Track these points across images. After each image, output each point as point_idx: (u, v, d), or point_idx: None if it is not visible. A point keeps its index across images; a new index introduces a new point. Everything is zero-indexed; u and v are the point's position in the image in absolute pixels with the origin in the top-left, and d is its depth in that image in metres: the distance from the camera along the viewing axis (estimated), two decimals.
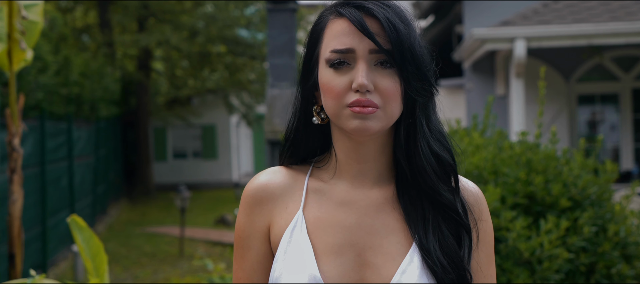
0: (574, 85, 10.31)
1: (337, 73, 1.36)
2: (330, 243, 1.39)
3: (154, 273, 9.84)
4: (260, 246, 1.45)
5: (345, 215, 1.41)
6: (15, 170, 4.61)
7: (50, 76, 9.62)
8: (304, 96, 1.45)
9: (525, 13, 9.07)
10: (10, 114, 4.63)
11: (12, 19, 4.51)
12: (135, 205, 18.06)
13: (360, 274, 1.37)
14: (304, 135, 1.47)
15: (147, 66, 19.98)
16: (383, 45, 1.34)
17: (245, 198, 1.47)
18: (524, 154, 4.37)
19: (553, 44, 8.58)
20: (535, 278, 3.96)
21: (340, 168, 1.45)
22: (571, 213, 4.13)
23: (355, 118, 1.34)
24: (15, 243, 4.43)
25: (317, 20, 1.44)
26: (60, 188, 10.72)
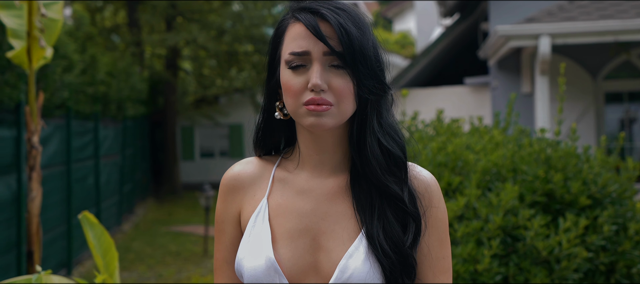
0: (601, 82, 10.16)
1: (295, 73, 1.49)
2: (288, 228, 1.53)
3: (177, 272, 9.87)
4: (232, 230, 1.62)
5: (303, 202, 1.55)
6: (34, 168, 4.66)
7: (76, 75, 9.69)
8: (269, 93, 1.60)
9: (550, 10, 8.96)
10: (29, 112, 4.68)
11: (32, 17, 4.56)
12: (162, 204, 18.15)
13: (314, 257, 1.50)
14: (269, 130, 1.62)
15: (175, 65, 20.09)
16: (335, 47, 1.46)
17: (222, 187, 1.64)
18: (543, 151, 4.30)
19: (578, 41, 8.46)
20: (553, 277, 3.90)
21: (303, 159, 1.59)
22: (591, 211, 4.06)
23: (311, 116, 1.47)
24: (33, 240, 4.47)
25: (279, 24, 1.57)
26: (86, 186, 10.81)
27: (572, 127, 4.44)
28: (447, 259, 1.57)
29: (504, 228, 3.99)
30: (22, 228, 7.29)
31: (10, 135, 7.16)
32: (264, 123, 1.62)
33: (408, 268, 1.49)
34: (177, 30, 18.60)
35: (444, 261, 1.57)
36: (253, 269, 1.49)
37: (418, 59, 13.10)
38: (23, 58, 4.53)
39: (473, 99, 12.23)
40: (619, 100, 10.36)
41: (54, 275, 2.54)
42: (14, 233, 7.20)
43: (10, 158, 7.17)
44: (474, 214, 4.06)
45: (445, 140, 4.74)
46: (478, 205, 4.03)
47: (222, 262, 1.63)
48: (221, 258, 1.63)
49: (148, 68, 19.53)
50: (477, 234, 3.96)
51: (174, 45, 18.61)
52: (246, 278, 1.50)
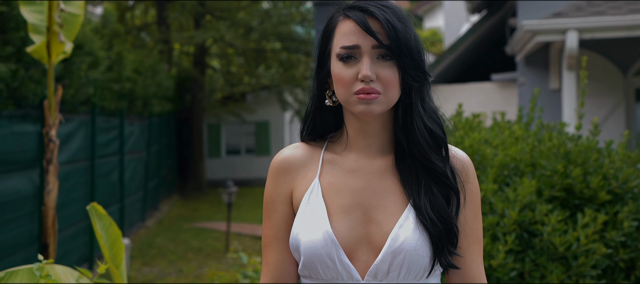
0: (631, 78, 9.97)
1: (346, 66, 1.64)
2: (341, 204, 1.68)
3: (198, 268, 9.90)
4: (283, 209, 1.74)
5: (354, 180, 1.71)
6: (51, 161, 4.68)
7: (102, 72, 9.75)
8: (319, 83, 1.75)
9: (579, 5, 8.82)
10: (48, 106, 4.70)
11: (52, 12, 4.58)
12: (187, 200, 18.23)
13: (366, 229, 1.66)
14: (319, 116, 1.76)
15: (202, 63, 20.17)
16: (383, 41, 1.62)
17: (272, 169, 1.78)
18: (562, 145, 4.21)
19: (607, 35, 8.31)
20: (570, 273, 3.82)
21: (350, 143, 1.74)
22: (611, 207, 3.97)
23: (361, 104, 1.63)
24: (48, 232, 4.49)
25: (329, 21, 1.73)
26: (110, 182, 10.87)
27: (593, 121, 4.34)
28: (479, 230, 1.75)
29: (520, 223, 3.91)
30: None
31: (34, 130, 7.22)
32: (314, 110, 1.76)
33: (452, 236, 1.65)
34: (205, 28, 18.66)
35: (477, 232, 1.75)
36: (311, 242, 1.63)
37: (444, 55, 12.99)
38: (42, 53, 4.55)
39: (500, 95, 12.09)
40: None
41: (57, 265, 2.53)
42: (36, 227, 7.26)
43: (33, 153, 7.23)
44: (489, 209, 3.99)
45: (463, 135, 4.68)
46: (494, 199, 3.96)
47: (273, 238, 1.75)
48: (272, 234, 1.75)
49: (176, 65, 19.63)
50: (493, 229, 3.89)
51: (201, 42, 18.68)
52: (304, 250, 1.65)
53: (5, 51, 6.12)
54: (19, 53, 6.47)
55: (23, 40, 6.43)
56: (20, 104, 6.83)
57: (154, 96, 14.56)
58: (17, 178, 6.87)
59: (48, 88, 4.59)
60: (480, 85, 12.37)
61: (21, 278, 2.40)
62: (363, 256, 1.64)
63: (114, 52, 11.09)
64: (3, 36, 6.21)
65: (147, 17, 21.01)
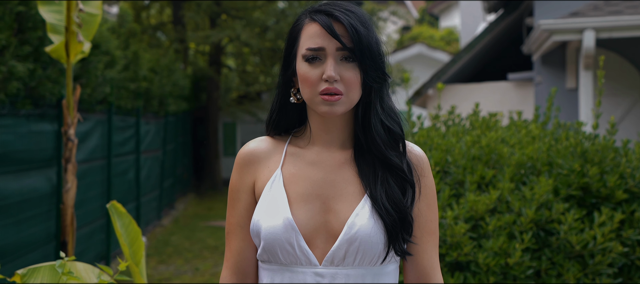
0: None
1: (311, 66, 1.74)
2: (301, 193, 1.78)
3: (214, 266, 9.94)
4: (247, 198, 1.84)
5: (314, 171, 1.81)
6: (69, 160, 4.72)
7: (118, 71, 9.81)
8: (284, 82, 1.84)
9: (596, 4, 8.78)
10: (66, 105, 4.74)
11: (70, 12, 4.62)
12: (203, 199, 18.29)
13: (324, 217, 1.75)
14: (284, 112, 1.86)
15: (218, 62, 20.23)
16: (346, 44, 1.72)
17: (237, 161, 1.88)
18: (579, 144, 4.21)
19: (624, 35, 8.27)
20: (586, 272, 3.81)
21: (313, 137, 1.85)
22: (627, 205, 3.96)
23: (325, 104, 1.73)
24: (67, 230, 4.53)
25: (295, 23, 1.82)
26: (126, 181, 10.94)
27: (610, 120, 4.33)
28: (434, 222, 1.85)
29: (537, 222, 3.91)
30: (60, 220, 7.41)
31: (52, 129, 7.28)
32: (279, 107, 1.87)
33: (407, 224, 1.76)
34: (221, 27, 18.71)
35: (431, 224, 1.85)
36: (272, 228, 1.73)
37: (460, 55, 12.95)
38: (61, 53, 4.59)
39: (516, 95, 12.05)
40: None
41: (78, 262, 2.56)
42: (53, 225, 7.32)
43: (51, 152, 7.29)
44: (506, 207, 4.00)
45: (480, 134, 4.68)
46: (511, 198, 3.96)
47: (236, 226, 1.85)
48: (235, 222, 1.85)
49: (191, 64, 19.70)
50: (509, 227, 3.89)
51: (217, 42, 18.72)
52: (264, 235, 1.74)
53: (23, 51, 6.17)
54: (36, 52, 6.52)
55: (41, 40, 6.48)
56: (37, 103, 6.88)
57: (170, 95, 14.62)
58: (35, 177, 6.93)
59: (66, 88, 4.64)
60: (496, 85, 12.34)
61: (43, 275, 2.43)
62: (321, 243, 1.74)
63: (130, 52, 11.15)
64: (21, 36, 6.26)
65: (163, 16, 21.09)
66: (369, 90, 1.78)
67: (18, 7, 6.04)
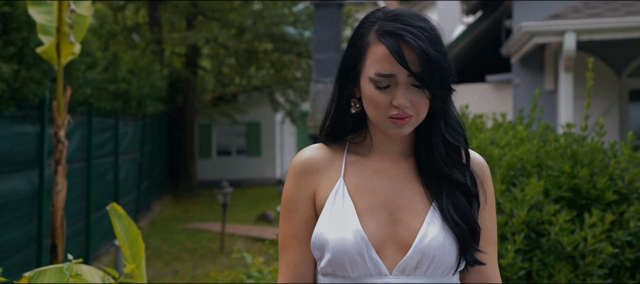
0: (625, 80, 10.07)
1: (380, 91, 1.66)
2: (368, 204, 1.72)
3: (194, 268, 9.90)
4: (306, 209, 1.77)
5: (380, 181, 1.75)
6: (59, 162, 4.69)
7: (99, 72, 9.74)
8: (345, 95, 1.75)
9: (576, 6, 8.89)
10: (57, 107, 4.71)
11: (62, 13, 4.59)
12: (179, 201, 18.22)
13: (392, 228, 1.71)
14: (341, 120, 1.78)
15: (194, 64, 20.15)
16: (416, 70, 1.63)
17: (294, 170, 1.79)
18: (569, 146, 4.26)
19: (604, 37, 8.39)
20: (577, 272, 3.87)
21: (374, 146, 1.79)
22: (617, 206, 4.02)
23: (394, 127, 1.68)
24: (57, 233, 4.50)
25: (360, 35, 1.71)
26: (105, 183, 10.86)
27: (599, 122, 4.39)
28: (495, 231, 1.83)
29: (528, 223, 3.96)
30: (43, 223, 7.34)
31: (34, 130, 7.21)
32: (336, 115, 1.78)
33: (475, 234, 1.73)
34: (197, 28, 18.65)
35: (493, 233, 1.82)
36: (341, 240, 1.67)
37: None
38: (52, 54, 4.56)
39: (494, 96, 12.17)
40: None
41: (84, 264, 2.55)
42: (34, 228, 7.25)
43: (32, 154, 7.22)
44: (498, 209, 4.04)
45: (470, 135, 4.72)
46: (502, 199, 4.00)
47: (293, 238, 1.77)
48: (292, 234, 1.77)
49: (167, 66, 19.60)
50: (501, 229, 3.93)
51: (194, 43, 18.66)
52: (332, 248, 1.68)
53: (8, 51, 6.11)
54: (21, 53, 6.46)
55: (25, 41, 6.42)
56: (20, 105, 6.82)
57: (147, 96, 14.54)
58: (17, 179, 6.86)
59: (57, 89, 4.61)
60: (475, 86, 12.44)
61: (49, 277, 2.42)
62: (390, 254, 1.69)
63: (110, 53, 11.07)
64: (6, 37, 6.20)
65: (138, 18, 20.96)
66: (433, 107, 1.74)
67: (4, 7, 5.98)
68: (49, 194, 7.53)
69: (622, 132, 10.09)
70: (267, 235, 12.43)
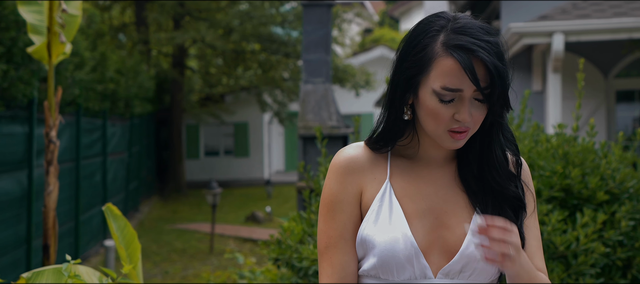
0: (612, 81, 10.14)
1: (443, 104, 1.62)
2: (415, 208, 1.69)
3: (184, 269, 9.88)
4: (352, 210, 1.72)
5: (425, 185, 1.72)
6: (51, 162, 4.67)
7: (87, 72, 9.70)
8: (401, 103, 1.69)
9: (564, 7, 8.95)
10: (48, 106, 4.68)
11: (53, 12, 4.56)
12: (167, 202, 18.17)
13: (438, 233, 1.68)
14: (396, 130, 1.72)
15: (181, 64, 20.10)
16: (484, 86, 1.59)
17: (337, 169, 1.74)
18: (560, 147, 4.29)
19: (592, 38, 8.44)
20: (570, 272, 3.89)
21: (421, 151, 1.75)
22: (608, 206, 4.05)
23: (451, 141, 1.65)
24: (49, 234, 4.48)
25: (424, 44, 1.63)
26: (93, 183, 10.82)
27: (590, 123, 4.43)
28: (538, 228, 1.80)
29: None
30: (32, 224, 7.31)
31: (22, 131, 7.18)
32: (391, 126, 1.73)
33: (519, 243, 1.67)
34: (185, 28, 18.61)
35: (539, 237, 1.80)
36: (389, 243, 1.65)
37: None
38: (43, 54, 4.54)
39: None
40: (630, 99, 10.34)
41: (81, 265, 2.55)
42: (23, 229, 7.21)
43: (21, 155, 7.19)
44: None
45: None
46: None
47: (339, 239, 1.72)
48: (337, 235, 1.72)
49: (154, 66, 19.55)
50: None
51: (181, 43, 18.62)
52: (380, 251, 1.65)
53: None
54: (9, 53, 6.43)
55: (13, 40, 6.39)
56: (9, 105, 6.78)
57: (135, 97, 14.50)
58: (5, 180, 6.82)
59: (48, 89, 4.59)
60: None
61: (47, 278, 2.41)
62: (435, 258, 1.67)
63: (97, 53, 11.03)
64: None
65: (124, 18, 20.89)
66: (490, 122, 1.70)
67: None
68: (38, 195, 7.49)
69: (610, 132, 10.17)
70: (256, 235, 12.42)
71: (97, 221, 10.90)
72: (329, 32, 8.95)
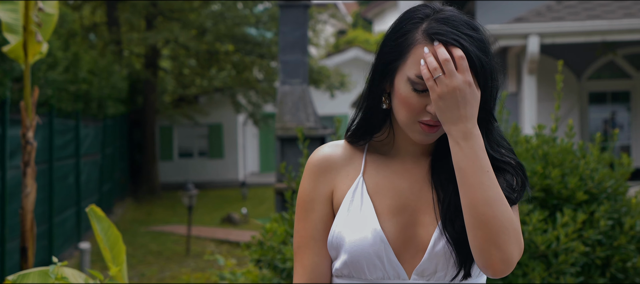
0: (585, 82, 10.27)
1: (416, 94, 1.56)
2: (388, 205, 1.63)
3: (160, 271, 9.82)
4: (323, 209, 1.68)
5: (400, 181, 1.66)
6: (28, 163, 4.61)
7: (60, 72, 9.60)
8: (377, 94, 1.64)
9: (539, 10, 9.03)
10: (25, 107, 4.62)
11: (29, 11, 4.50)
12: (141, 204, 18.05)
13: (413, 230, 1.62)
14: (373, 121, 1.67)
15: (154, 64, 19.97)
16: None
17: (311, 168, 1.70)
18: (540, 147, 4.33)
19: (567, 40, 8.54)
20: (551, 271, 3.93)
21: (398, 145, 1.69)
22: (587, 206, 4.10)
23: (422, 134, 1.59)
24: (27, 236, 4.42)
25: (405, 31, 1.59)
26: (67, 185, 10.71)
27: (568, 124, 4.48)
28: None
29: None
30: (5, 226, 7.21)
31: None
32: (368, 116, 1.67)
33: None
34: (158, 29, 18.50)
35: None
36: (359, 241, 1.59)
37: None
38: (19, 53, 4.48)
39: None
40: (602, 101, 10.48)
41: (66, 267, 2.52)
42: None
43: None
44: None
45: None
46: None
47: (309, 239, 1.68)
48: (308, 235, 1.68)
49: (127, 67, 19.41)
50: None
51: (154, 43, 18.51)
52: (349, 248, 1.60)
53: None
54: None
55: None
56: None
57: (108, 97, 14.39)
58: None
59: (25, 89, 4.53)
60: None
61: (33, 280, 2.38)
62: (410, 257, 1.62)
63: (70, 53, 10.92)
64: None
65: (95, 17, 20.69)
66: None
67: None
68: (11, 196, 7.40)
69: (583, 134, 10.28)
70: (233, 237, 12.38)
71: (71, 224, 10.79)
72: (305, 32, 8.95)
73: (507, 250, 1.49)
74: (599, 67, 10.24)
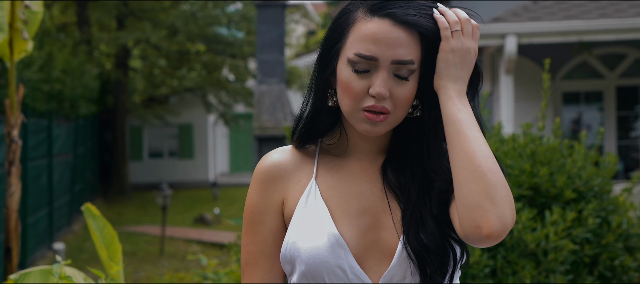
0: (559, 82, 10.39)
1: (357, 75, 1.43)
2: (346, 208, 1.49)
3: (135, 272, 9.72)
4: (273, 221, 1.53)
5: (358, 183, 1.52)
6: (13, 162, 4.52)
7: (34, 71, 9.47)
8: (322, 84, 1.51)
9: (515, 10, 9.11)
10: (10, 105, 4.54)
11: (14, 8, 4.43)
12: (111, 204, 17.88)
13: (375, 235, 1.48)
14: (319, 119, 1.54)
15: (125, 64, 19.80)
16: (407, 57, 1.41)
17: (259, 176, 1.55)
18: (528, 146, 4.37)
19: (544, 40, 8.63)
20: (540, 269, 3.96)
21: (350, 145, 1.55)
22: (575, 204, 4.14)
23: (367, 123, 1.44)
24: (12, 236, 4.34)
25: (345, 12, 1.48)
26: (39, 185, 10.56)
27: (555, 122, 4.53)
28: None
29: None
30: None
31: None
32: (314, 114, 1.54)
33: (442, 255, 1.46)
34: (129, 28, 18.35)
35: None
36: (315, 249, 1.43)
37: None
38: (4, 51, 4.40)
39: None
40: (575, 100, 10.61)
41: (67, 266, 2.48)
42: None
43: None
44: None
45: None
46: None
47: (259, 255, 1.53)
48: (257, 250, 1.53)
49: (97, 66, 19.22)
50: None
51: (125, 43, 18.37)
52: (306, 258, 1.43)
53: None
54: None
55: None
56: None
57: (80, 97, 14.24)
58: None
59: (9, 87, 4.45)
60: None
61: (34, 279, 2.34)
62: (375, 264, 1.47)
63: (44, 52, 10.78)
64: None
65: (66, 17, 20.46)
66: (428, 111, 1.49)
67: None
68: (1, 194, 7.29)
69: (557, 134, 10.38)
70: (206, 237, 12.31)
71: (43, 225, 10.64)
72: (283, 32, 8.95)
73: (503, 208, 1.33)
74: (572, 68, 10.38)
